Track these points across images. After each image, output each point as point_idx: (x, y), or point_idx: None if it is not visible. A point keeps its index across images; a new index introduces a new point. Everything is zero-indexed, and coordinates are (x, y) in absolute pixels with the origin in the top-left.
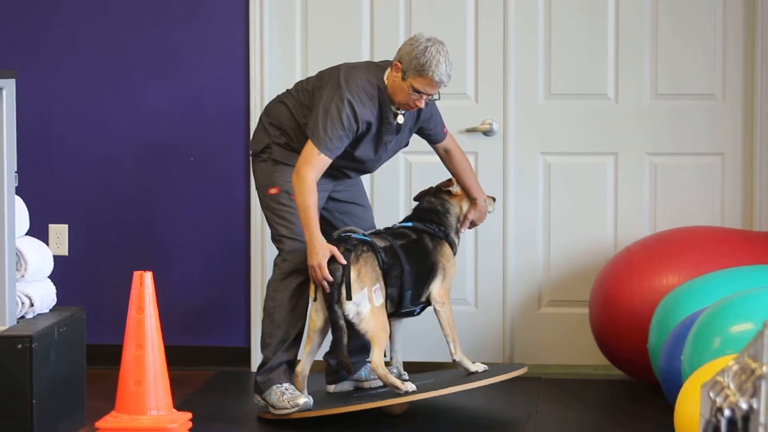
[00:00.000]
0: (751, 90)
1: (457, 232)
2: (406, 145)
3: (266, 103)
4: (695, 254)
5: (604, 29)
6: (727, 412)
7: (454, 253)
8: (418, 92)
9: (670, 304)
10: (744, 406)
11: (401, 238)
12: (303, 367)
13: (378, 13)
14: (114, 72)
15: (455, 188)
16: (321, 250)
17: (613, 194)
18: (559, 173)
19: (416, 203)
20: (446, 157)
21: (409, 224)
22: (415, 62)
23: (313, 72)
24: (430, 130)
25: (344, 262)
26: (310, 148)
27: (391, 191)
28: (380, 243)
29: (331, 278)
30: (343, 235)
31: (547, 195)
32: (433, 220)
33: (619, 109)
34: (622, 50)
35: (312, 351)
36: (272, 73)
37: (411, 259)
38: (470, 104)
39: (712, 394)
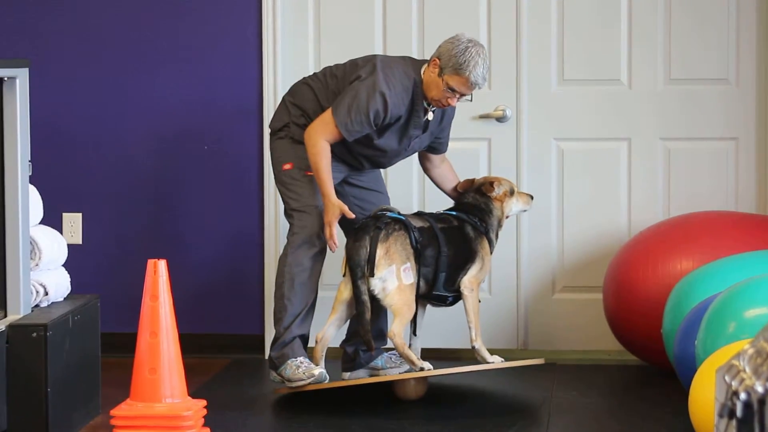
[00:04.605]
0: (764, 74)
1: (497, 233)
2: (423, 147)
3: (279, 90)
4: (709, 239)
5: (617, 14)
6: (742, 396)
7: (491, 251)
8: (452, 90)
9: (684, 289)
10: (760, 389)
11: (443, 222)
12: (324, 335)
13: None
14: (127, 61)
15: (495, 192)
16: (332, 209)
17: (626, 180)
18: (573, 159)
19: (459, 194)
20: (441, 166)
21: (453, 213)
22: (453, 60)
23: (326, 59)
24: (442, 138)
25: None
26: (329, 117)
27: (405, 187)
28: (418, 223)
29: (336, 244)
30: (378, 213)
31: (561, 181)
32: (477, 216)
33: (633, 94)
34: (635, 35)
35: (336, 321)
36: (285, 61)
37: (450, 243)
38: (483, 90)
39: (727, 378)
